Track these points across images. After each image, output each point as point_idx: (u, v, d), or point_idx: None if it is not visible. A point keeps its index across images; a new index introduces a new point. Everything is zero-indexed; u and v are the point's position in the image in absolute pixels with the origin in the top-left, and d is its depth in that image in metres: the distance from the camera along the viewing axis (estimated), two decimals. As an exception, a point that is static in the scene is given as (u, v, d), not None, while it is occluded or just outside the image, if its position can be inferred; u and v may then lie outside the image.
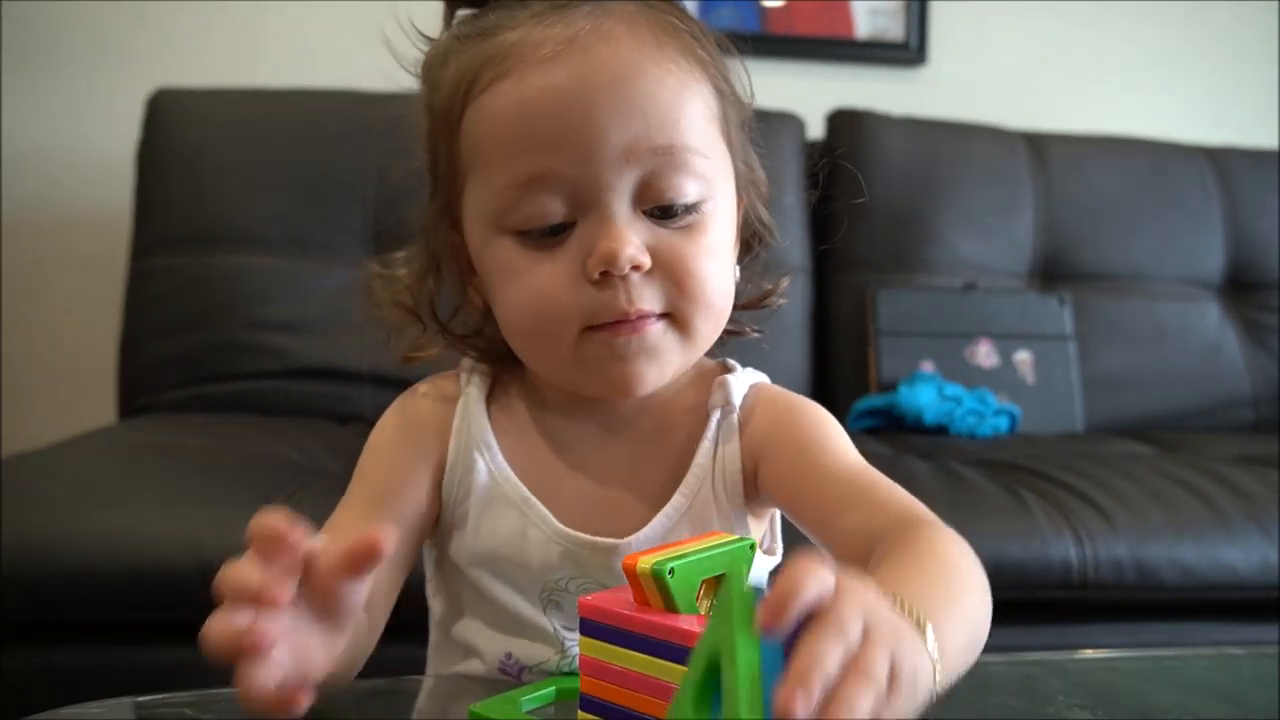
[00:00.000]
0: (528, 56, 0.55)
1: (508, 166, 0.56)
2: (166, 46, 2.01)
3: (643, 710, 0.45)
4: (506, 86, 0.55)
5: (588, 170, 0.54)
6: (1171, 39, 2.38)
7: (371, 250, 1.79)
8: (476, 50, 0.57)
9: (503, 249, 0.57)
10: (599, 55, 0.54)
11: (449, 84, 0.59)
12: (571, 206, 0.55)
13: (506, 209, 0.56)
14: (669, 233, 0.56)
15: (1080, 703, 0.60)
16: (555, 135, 0.54)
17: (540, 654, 0.63)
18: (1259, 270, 2.09)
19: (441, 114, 0.60)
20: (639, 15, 0.57)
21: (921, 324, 1.89)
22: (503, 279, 0.58)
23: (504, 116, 0.56)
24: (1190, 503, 1.36)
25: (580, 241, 0.55)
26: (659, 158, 0.55)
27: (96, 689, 0.58)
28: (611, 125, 0.54)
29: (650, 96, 0.55)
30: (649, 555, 0.46)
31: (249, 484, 1.25)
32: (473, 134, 0.57)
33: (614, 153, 0.54)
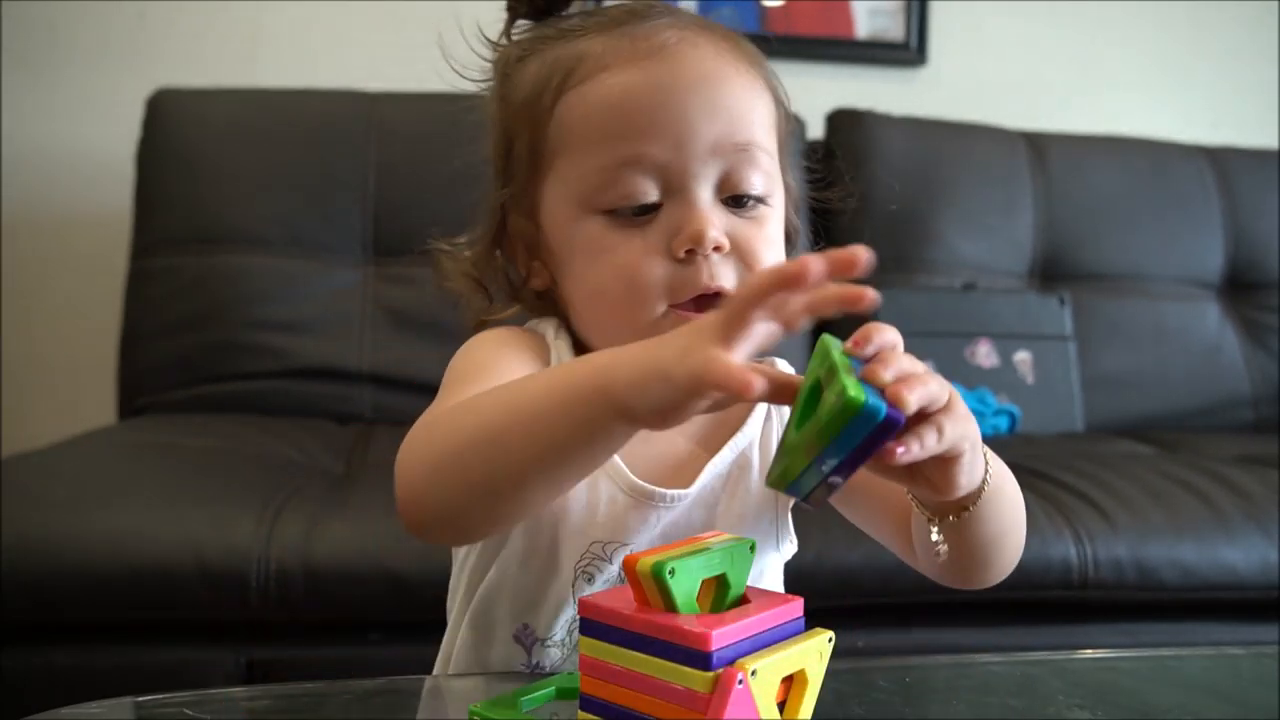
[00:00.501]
0: (625, 54, 0.61)
1: (605, 149, 0.61)
2: (166, 46, 2.01)
3: (643, 710, 0.45)
4: (608, 78, 0.61)
5: (679, 158, 0.60)
6: (1171, 39, 2.38)
7: (371, 250, 1.79)
8: (568, 48, 0.64)
9: (591, 227, 0.62)
10: (689, 59, 0.62)
11: (534, 78, 0.64)
12: (661, 189, 0.61)
13: (600, 188, 0.61)
14: (741, 220, 0.62)
15: (1080, 703, 0.60)
16: (653, 124, 0.60)
17: (553, 628, 0.64)
18: (1259, 270, 2.09)
19: (524, 104, 0.65)
20: (712, 31, 0.64)
21: (921, 324, 1.89)
22: (590, 255, 0.63)
23: (605, 104, 0.61)
24: (1190, 503, 1.36)
25: (667, 222, 0.61)
26: (738, 153, 0.61)
27: (96, 689, 0.58)
28: (702, 120, 0.60)
29: (734, 98, 0.62)
30: (649, 555, 0.46)
31: (249, 484, 1.25)
32: (566, 120, 0.63)
33: (703, 144, 0.60)
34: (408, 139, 1.81)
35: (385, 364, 1.71)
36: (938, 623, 1.28)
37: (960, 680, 0.65)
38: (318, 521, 1.17)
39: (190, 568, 1.11)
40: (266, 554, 1.13)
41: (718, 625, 0.44)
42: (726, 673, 0.43)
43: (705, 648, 0.43)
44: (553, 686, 0.56)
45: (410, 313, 1.74)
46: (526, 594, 0.65)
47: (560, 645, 0.65)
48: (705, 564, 0.47)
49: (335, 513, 1.19)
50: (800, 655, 0.46)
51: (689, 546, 0.48)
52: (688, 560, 0.46)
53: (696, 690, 0.43)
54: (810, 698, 0.47)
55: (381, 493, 1.24)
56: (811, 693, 0.47)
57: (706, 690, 0.43)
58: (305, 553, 1.14)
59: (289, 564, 1.12)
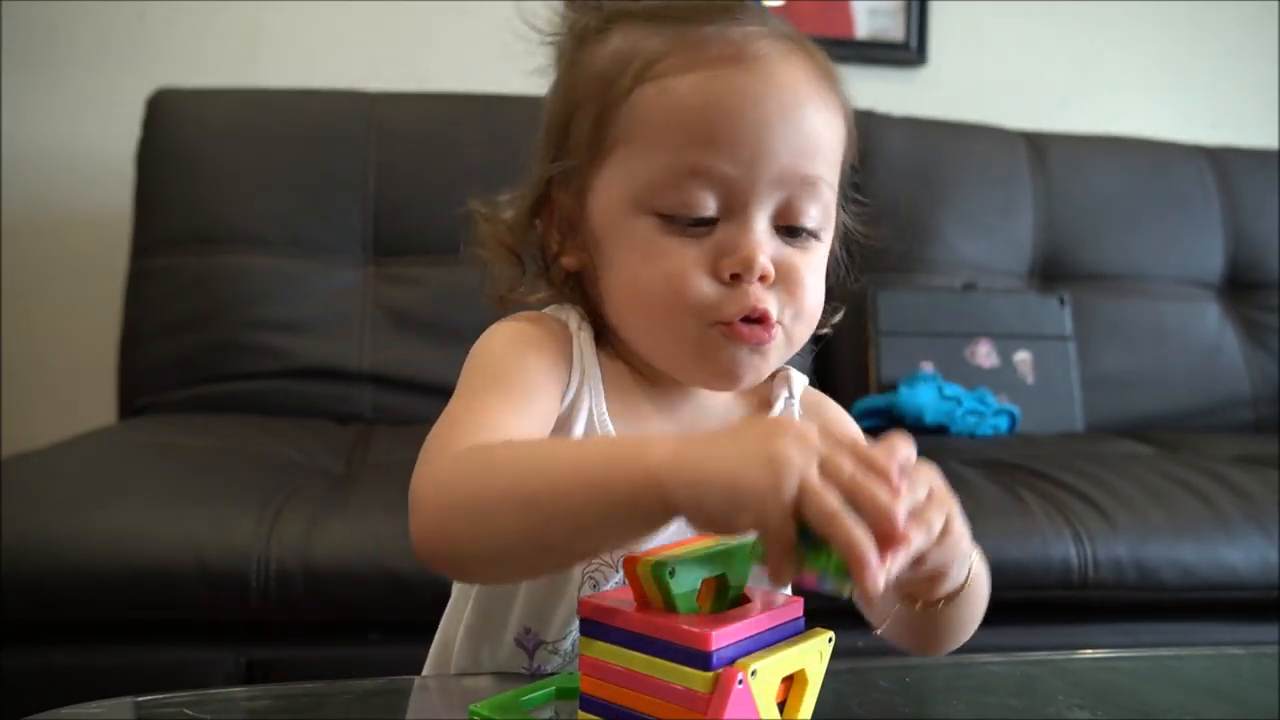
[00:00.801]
0: (715, 56, 0.59)
1: (675, 152, 0.59)
2: (166, 46, 2.01)
3: (643, 710, 0.45)
4: (693, 77, 0.59)
5: (747, 179, 0.58)
6: (1171, 39, 2.38)
7: (371, 250, 1.79)
8: (656, 33, 0.61)
9: (643, 225, 0.60)
10: (783, 77, 0.59)
11: (614, 54, 0.62)
12: (721, 205, 0.59)
13: (661, 190, 0.59)
14: (790, 249, 0.61)
15: (1080, 703, 0.60)
16: (731, 138, 0.58)
17: (557, 633, 0.64)
18: (1259, 270, 2.09)
19: (598, 78, 0.62)
20: (806, 48, 0.62)
21: (921, 324, 1.89)
22: (638, 254, 0.61)
23: (685, 104, 0.59)
24: (1190, 503, 1.36)
25: (720, 239, 0.59)
26: (803, 185, 0.60)
27: (96, 689, 0.58)
28: (780, 146, 0.58)
29: (814, 128, 0.60)
30: (649, 555, 0.46)
31: (249, 484, 1.25)
32: (640, 110, 0.60)
33: (773, 170, 0.59)
34: (408, 139, 1.81)
35: (385, 364, 1.71)
36: (938, 623, 1.28)
37: (960, 680, 0.65)
38: (318, 521, 1.17)
39: (190, 568, 1.11)
40: (266, 554, 1.13)
41: (718, 625, 0.44)
42: (726, 673, 0.43)
43: (705, 647, 0.43)
44: (553, 686, 0.56)
45: (410, 313, 1.74)
46: (535, 599, 0.64)
47: (565, 655, 0.65)
48: (705, 564, 0.47)
49: (335, 513, 1.19)
50: (800, 655, 0.46)
51: (689, 547, 0.48)
52: (688, 560, 0.46)
53: (696, 690, 0.43)
54: (810, 698, 0.47)
55: (381, 493, 1.24)
56: (812, 693, 0.47)
57: (706, 690, 0.43)
58: (305, 553, 1.14)
59: (289, 564, 1.12)
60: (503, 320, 0.66)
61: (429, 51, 2.07)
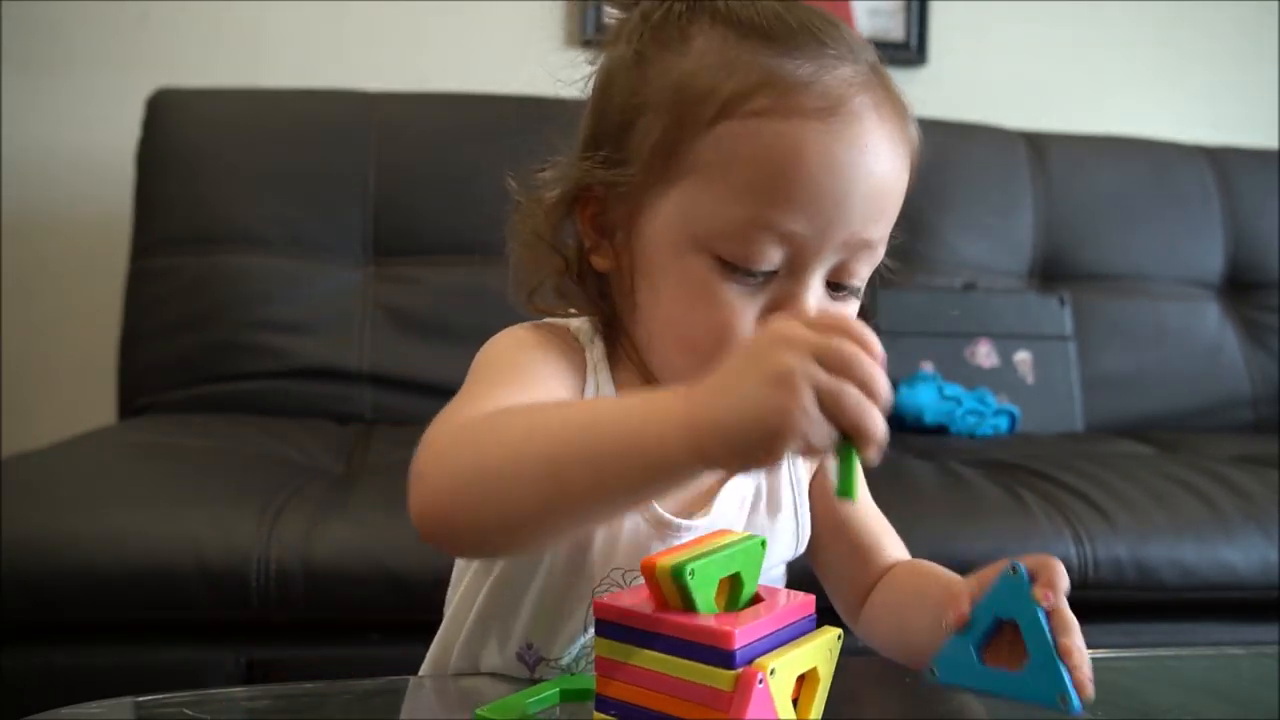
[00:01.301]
0: (813, 106, 0.55)
1: (749, 204, 0.56)
2: (166, 46, 2.01)
3: (662, 709, 0.45)
4: (785, 129, 0.55)
5: (817, 241, 0.56)
6: (1171, 39, 2.38)
7: (371, 250, 1.79)
8: (747, 48, 0.57)
9: (696, 266, 0.58)
10: (870, 135, 0.56)
11: (700, 68, 0.57)
12: (784, 261, 0.57)
13: (724, 237, 0.57)
14: (834, 303, 0.60)
15: (1080, 702, 0.60)
16: (808, 202, 0.55)
17: (561, 649, 0.64)
18: (1259, 270, 2.09)
19: (677, 90, 0.58)
20: (891, 93, 0.59)
21: (921, 324, 1.89)
22: (687, 293, 0.58)
23: (771, 158, 0.55)
24: (1190, 503, 1.36)
25: (775, 293, 0.58)
26: (864, 248, 0.58)
27: (96, 689, 0.58)
28: (855, 212, 0.56)
29: (886, 195, 0.58)
30: (668, 555, 0.46)
31: (249, 484, 1.25)
32: (724, 149, 0.56)
33: (843, 235, 0.57)
34: (408, 139, 1.81)
35: (385, 364, 1.71)
36: (938, 623, 1.28)
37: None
38: (318, 521, 1.17)
39: (190, 568, 1.11)
40: (266, 554, 1.13)
41: (739, 624, 0.44)
42: (746, 672, 0.43)
43: (729, 646, 0.43)
44: (557, 689, 0.56)
45: (410, 313, 1.74)
46: (542, 616, 0.64)
47: (566, 670, 0.64)
48: (722, 564, 0.47)
49: (335, 513, 1.19)
50: (813, 653, 0.47)
51: (704, 546, 0.48)
52: (705, 561, 0.46)
53: (719, 689, 0.43)
54: (821, 695, 0.48)
55: (381, 493, 1.24)
56: (823, 690, 0.48)
57: (729, 689, 0.43)
58: (305, 553, 1.14)
59: (289, 564, 1.12)
60: (511, 327, 0.64)
61: (429, 51, 2.07)
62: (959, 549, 1.24)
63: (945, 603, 0.54)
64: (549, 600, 0.64)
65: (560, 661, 0.64)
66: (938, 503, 1.32)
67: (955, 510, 1.31)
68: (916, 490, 1.34)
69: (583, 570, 0.63)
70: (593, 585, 0.63)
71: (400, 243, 1.77)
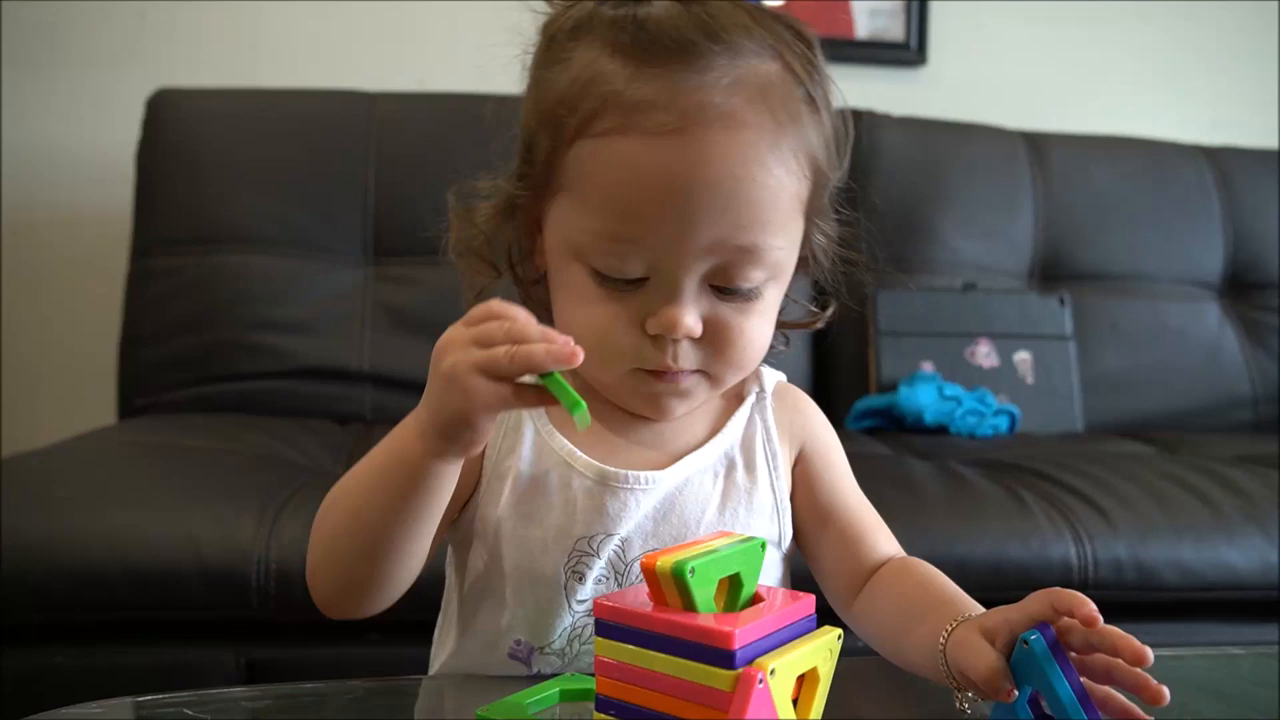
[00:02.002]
0: (651, 122, 0.57)
1: (604, 218, 0.59)
2: (166, 46, 2.01)
3: (662, 710, 0.45)
4: (624, 147, 0.57)
5: (674, 251, 0.58)
6: (1171, 39, 2.38)
7: (372, 250, 1.79)
8: (615, 62, 0.58)
9: (577, 274, 0.61)
10: (717, 147, 0.57)
11: (567, 85, 0.60)
12: (649, 269, 0.59)
13: (590, 249, 0.60)
14: (726, 306, 0.61)
15: (1080, 703, 0.59)
16: (655, 214, 0.57)
17: (550, 635, 0.65)
18: (1259, 270, 2.09)
19: (550, 112, 0.61)
20: (770, 95, 0.58)
21: (921, 324, 1.89)
22: (570, 297, 0.63)
23: (613, 177, 0.58)
24: (1190, 503, 1.36)
25: (647, 299, 0.60)
26: (739, 254, 0.59)
27: (96, 689, 0.58)
28: (706, 221, 0.57)
29: (749, 201, 0.58)
30: (668, 555, 0.46)
31: (249, 484, 1.25)
32: (580, 167, 0.60)
33: (701, 243, 0.58)
34: (408, 139, 1.81)
35: (385, 364, 1.71)
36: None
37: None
38: (317, 521, 1.17)
39: (190, 568, 1.11)
40: (266, 554, 1.13)
41: (739, 624, 0.44)
42: (746, 672, 0.43)
43: (729, 646, 0.43)
44: (556, 689, 0.56)
45: (410, 313, 1.74)
46: (520, 610, 0.65)
47: (560, 654, 0.65)
48: (722, 563, 0.47)
49: (335, 513, 1.19)
50: (813, 653, 0.47)
51: (704, 546, 0.48)
52: (706, 560, 0.46)
53: (719, 689, 0.43)
54: (821, 695, 0.48)
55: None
56: (823, 690, 0.48)
57: (730, 689, 0.43)
58: (305, 553, 1.13)
59: (289, 564, 1.12)
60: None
61: (429, 51, 2.07)
62: (959, 549, 1.24)
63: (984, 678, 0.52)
64: (525, 592, 0.65)
65: (553, 646, 0.64)
66: (938, 503, 1.32)
67: (955, 510, 1.31)
68: (916, 490, 1.34)
69: (546, 553, 0.64)
70: (561, 562, 0.64)
71: (400, 243, 1.76)
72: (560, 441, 0.66)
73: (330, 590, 0.62)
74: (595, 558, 0.64)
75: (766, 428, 0.71)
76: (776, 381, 0.74)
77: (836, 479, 0.72)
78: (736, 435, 0.70)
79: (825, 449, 0.73)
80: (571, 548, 0.64)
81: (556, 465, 0.66)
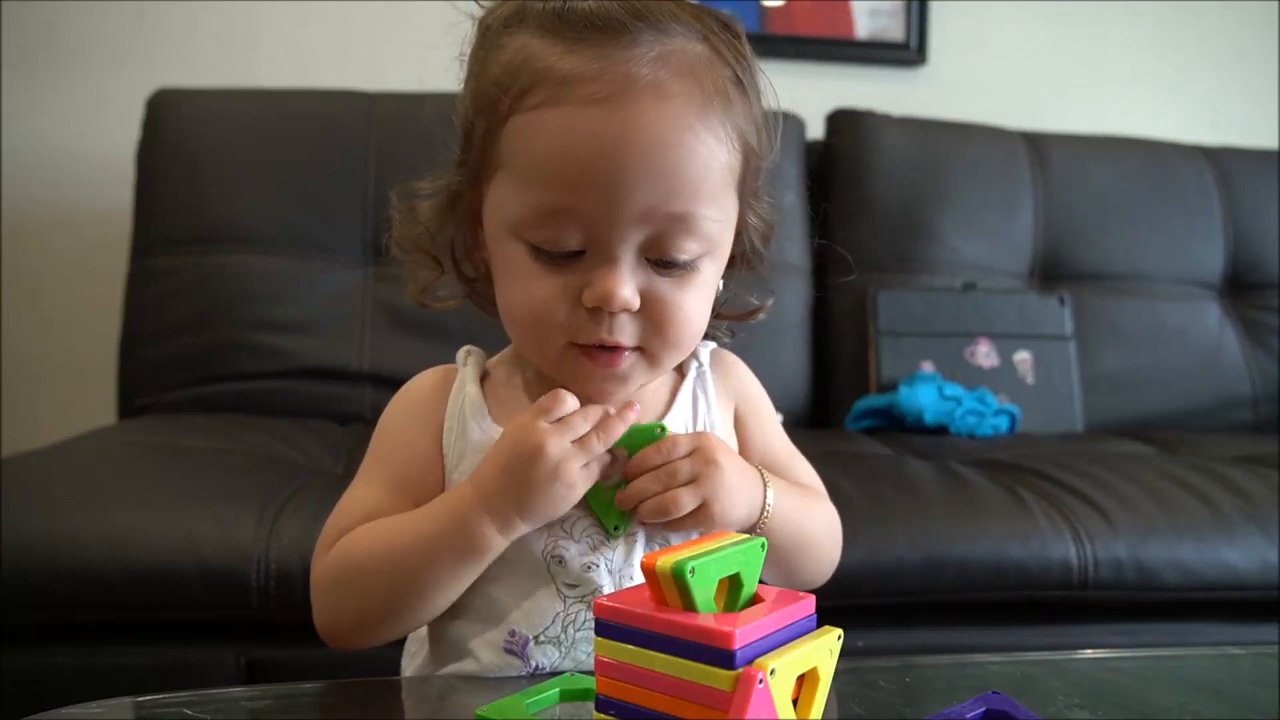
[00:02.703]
0: (580, 93, 0.58)
1: (538, 191, 0.60)
2: (166, 46, 2.01)
3: (662, 710, 0.45)
4: (554, 118, 0.59)
5: (607, 219, 0.59)
6: (1171, 39, 2.38)
7: (371, 250, 1.79)
8: (545, 44, 0.60)
9: (514, 251, 0.63)
10: (646, 114, 0.58)
11: (505, 67, 0.62)
12: (585, 240, 0.61)
13: (527, 224, 0.61)
14: (662, 279, 0.62)
15: (1080, 703, 0.60)
16: (587, 181, 0.59)
17: (544, 621, 0.65)
18: (1259, 270, 2.09)
19: (487, 93, 0.63)
20: (696, 73, 0.60)
21: (921, 324, 1.89)
22: (509, 276, 0.64)
23: (545, 147, 0.60)
24: (1190, 503, 1.36)
25: (584, 271, 0.61)
26: (672, 222, 0.60)
27: (96, 689, 0.58)
28: (638, 188, 0.59)
29: (679, 166, 0.59)
30: (668, 555, 0.46)
31: (249, 484, 1.24)
32: (513, 143, 0.61)
33: (634, 211, 0.59)
34: (408, 139, 1.80)
35: (385, 364, 1.71)
36: (938, 623, 1.28)
37: (960, 680, 0.65)
38: (318, 521, 1.16)
39: (190, 568, 1.11)
40: (266, 554, 1.13)
41: (739, 624, 0.44)
42: (746, 672, 0.43)
43: (729, 646, 0.43)
44: (556, 689, 0.56)
45: (410, 313, 1.74)
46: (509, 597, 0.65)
47: (556, 643, 0.65)
48: (723, 563, 0.47)
49: (335, 513, 1.19)
50: (813, 653, 0.47)
51: (703, 545, 0.48)
52: (706, 560, 0.46)
53: (719, 689, 0.43)
54: (821, 695, 0.48)
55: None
56: (823, 690, 0.48)
57: (730, 689, 0.43)
58: (305, 553, 1.13)
59: (289, 564, 1.12)
60: (405, 386, 0.74)
61: (429, 51, 2.06)
62: (959, 549, 1.24)
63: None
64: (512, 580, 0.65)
65: (548, 633, 0.65)
66: (938, 503, 1.32)
67: (955, 510, 1.31)
68: (916, 490, 1.34)
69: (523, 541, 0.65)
70: (539, 549, 0.65)
71: (400, 243, 1.76)
72: None
73: (343, 629, 0.65)
74: (570, 539, 0.65)
75: (708, 399, 0.73)
76: (710, 350, 0.75)
77: (768, 435, 0.76)
78: (686, 412, 0.72)
79: (756, 407, 0.76)
80: (547, 532, 0.65)
81: None
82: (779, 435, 0.77)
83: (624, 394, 0.67)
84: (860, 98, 2.09)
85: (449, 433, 0.69)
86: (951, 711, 0.53)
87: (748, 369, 0.77)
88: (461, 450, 0.68)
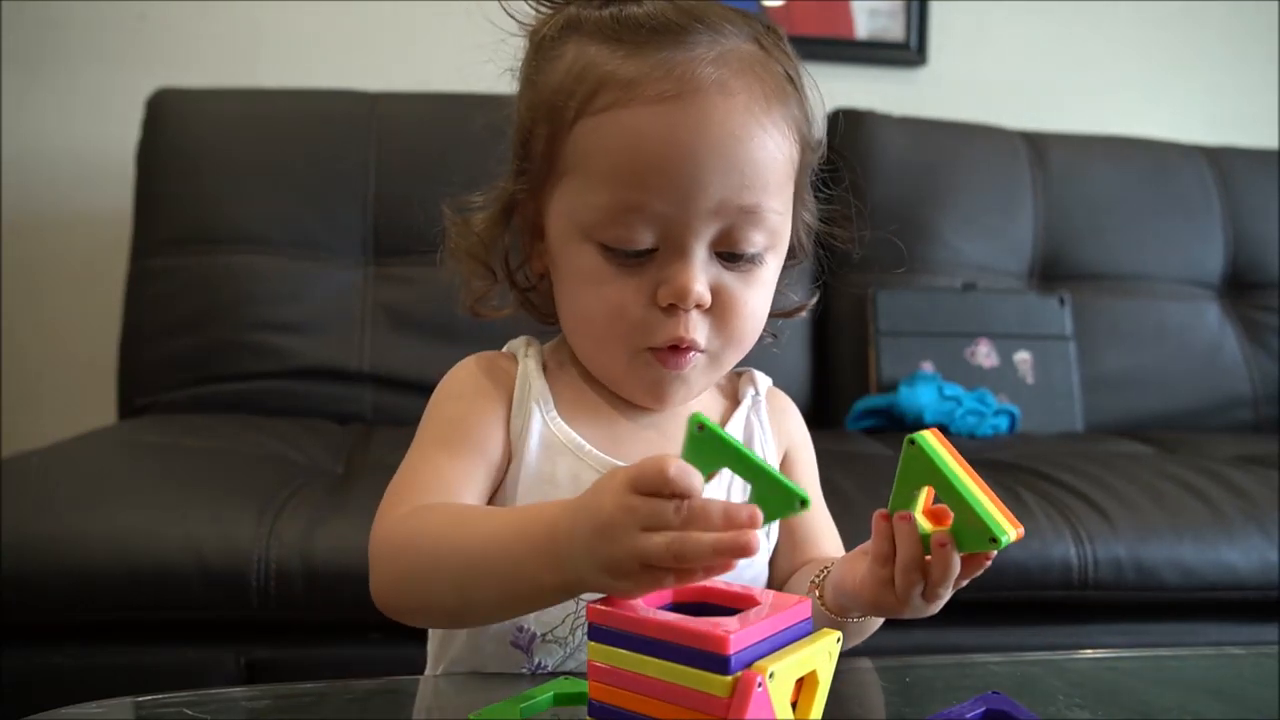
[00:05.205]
0: (652, 91, 0.59)
1: (611, 190, 0.61)
2: (166, 47, 2.01)
3: (654, 714, 0.45)
4: (626, 117, 0.60)
5: (681, 214, 0.60)
6: (1171, 39, 2.38)
7: (372, 250, 1.79)
8: (600, 56, 0.61)
9: (586, 254, 0.63)
10: (715, 110, 0.59)
11: (563, 75, 0.63)
12: (658, 238, 0.61)
13: (599, 225, 0.61)
14: (731, 274, 0.63)
15: (1080, 703, 0.60)
16: (661, 177, 0.59)
17: (554, 620, 0.65)
18: (1259, 270, 2.09)
19: (548, 100, 0.63)
20: (755, 70, 0.62)
21: (921, 324, 1.89)
22: (580, 282, 0.64)
23: (618, 146, 0.60)
24: (1190, 503, 1.36)
25: (658, 269, 0.62)
26: (743, 215, 0.61)
27: (96, 689, 0.58)
28: (712, 181, 0.60)
29: (750, 160, 0.60)
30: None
31: (249, 484, 1.25)
32: (583, 145, 0.62)
33: (708, 205, 0.60)
34: (408, 139, 1.81)
35: (385, 364, 1.71)
36: (938, 623, 1.27)
37: (960, 680, 0.65)
38: (318, 521, 1.17)
39: (190, 568, 1.11)
40: (266, 554, 1.13)
41: (735, 628, 0.44)
42: (746, 675, 0.43)
43: (724, 651, 0.43)
44: (551, 692, 0.56)
45: (410, 313, 1.74)
46: None
47: (562, 643, 0.65)
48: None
49: (335, 513, 1.19)
50: (812, 656, 0.47)
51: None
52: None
53: (714, 694, 0.43)
54: (821, 698, 0.48)
55: (381, 493, 1.24)
56: (822, 693, 0.48)
57: (724, 694, 0.43)
58: (305, 553, 1.14)
59: (289, 564, 1.12)
60: (460, 363, 0.71)
61: (429, 51, 2.07)
62: (959, 549, 1.24)
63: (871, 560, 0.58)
64: None
65: (556, 633, 0.65)
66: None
67: (955, 510, 1.30)
68: (916, 490, 1.34)
69: None
70: None
71: (400, 243, 1.76)
72: (568, 433, 0.67)
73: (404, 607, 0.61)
74: None
75: (764, 431, 0.73)
76: (767, 386, 0.76)
77: (808, 484, 0.76)
78: (738, 434, 0.71)
79: (804, 460, 0.76)
80: None
81: (565, 457, 0.67)
82: (816, 490, 0.76)
83: (686, 398, 0.67)
84: (860, 98, 2.09)
85: (515, 420, 0.68)
86: (951, 711, 0.53)
87: (800, 416, 0.78)
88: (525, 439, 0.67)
